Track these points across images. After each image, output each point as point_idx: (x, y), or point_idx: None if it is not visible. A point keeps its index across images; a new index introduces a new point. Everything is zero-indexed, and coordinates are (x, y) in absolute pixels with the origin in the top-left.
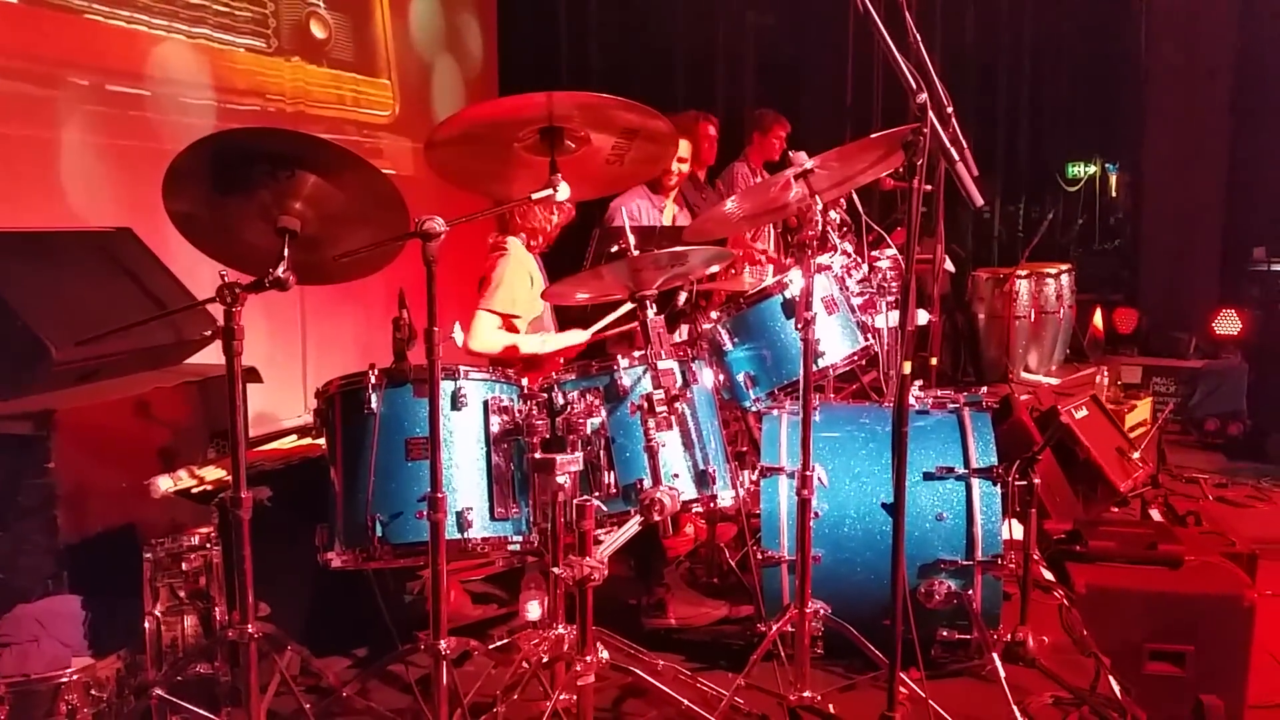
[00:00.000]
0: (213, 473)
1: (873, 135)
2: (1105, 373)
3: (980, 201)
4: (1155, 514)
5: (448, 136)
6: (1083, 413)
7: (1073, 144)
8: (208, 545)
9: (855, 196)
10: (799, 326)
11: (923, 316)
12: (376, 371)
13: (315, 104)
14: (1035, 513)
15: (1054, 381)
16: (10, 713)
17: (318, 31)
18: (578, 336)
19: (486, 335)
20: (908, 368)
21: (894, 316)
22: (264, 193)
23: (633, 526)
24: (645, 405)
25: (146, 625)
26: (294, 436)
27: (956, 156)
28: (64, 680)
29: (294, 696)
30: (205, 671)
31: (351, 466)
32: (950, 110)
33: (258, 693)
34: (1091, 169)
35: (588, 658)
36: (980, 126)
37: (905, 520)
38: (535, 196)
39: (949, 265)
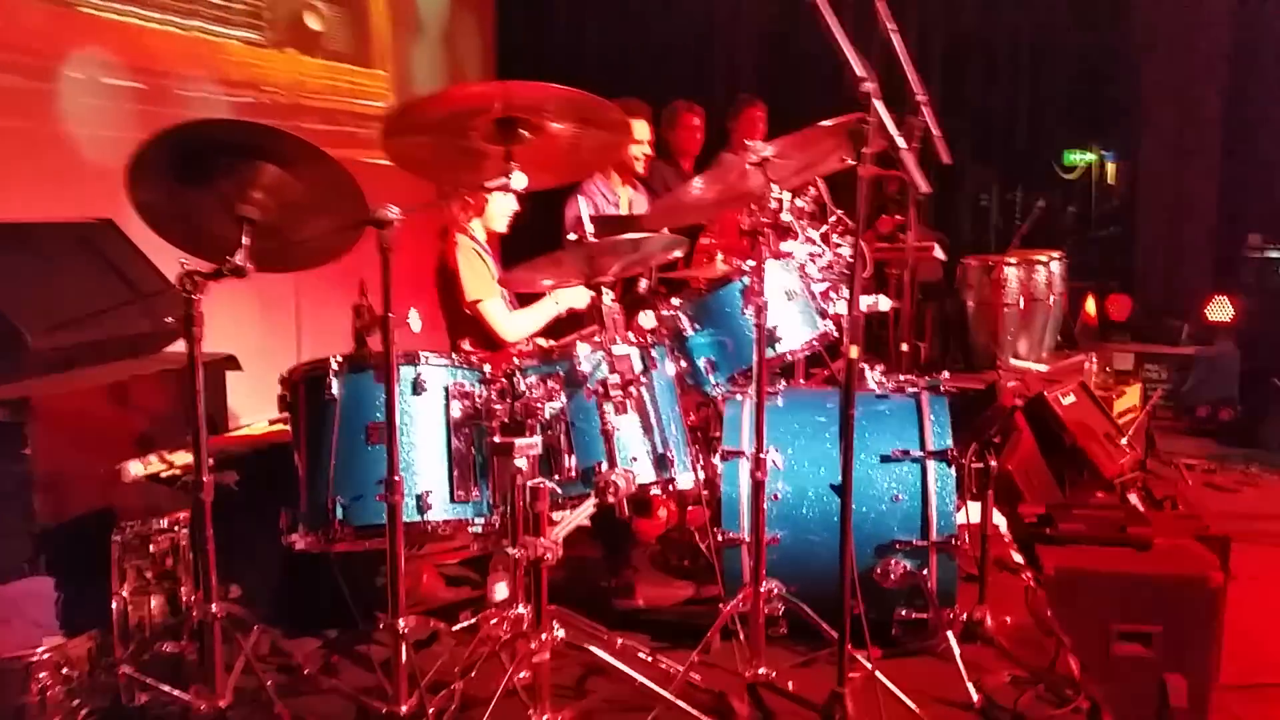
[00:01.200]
0: (183, 457)
1: (821, 124)
2: (1094, 359)
3: (925, 188)
4: (1134, 499)
5: (402, 126)
6: (1070, 399)
7: (1070, 132)
8: (175, 528)
9: (822, 183)
10: (746, 312)
11: (884, 303)
12: (339, 358)
13: (310, 95)
14: (992, 494)
15: (1043, 368)
16: None
17: (313, 23)
18: (585, 292)
19: (510, 322)
20: (854, 352)
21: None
22: (224, 182)
23: (588, 508)
24: (601, 390)
25: (114, 605)
26: (265, 422)
27: (903, 144)
28: (34, 659)
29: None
30: (172, 650)
31: (314, 451)
32: (923, 99)
33: (223, 670)
34: (1089, 157)
35: (543, 635)
36: (978, 114)
37: (863, 502)
38: (489, 185)
39: (939, 253)
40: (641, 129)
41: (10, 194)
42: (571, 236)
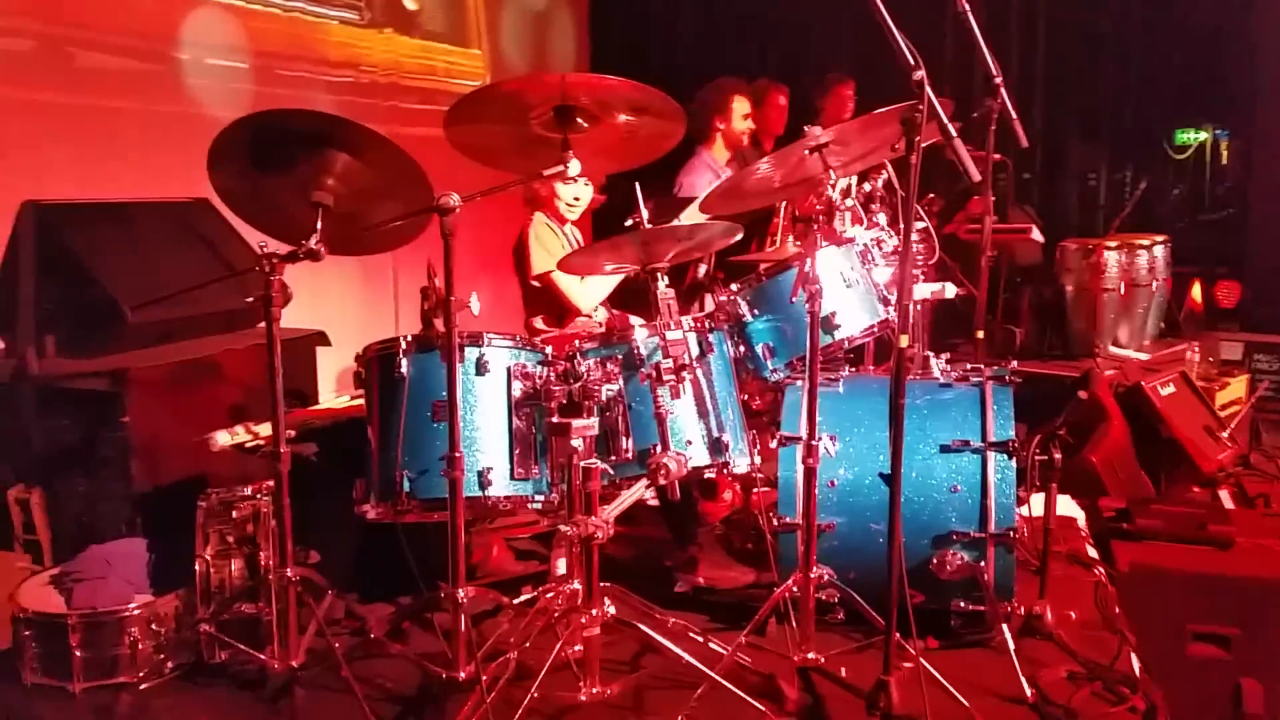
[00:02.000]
0: (268, 429)
1: (876, 111)
2: (1198, 349)
3: (977, 177)
4: (1225, 495)
5: (463, 115)
6: (1169, 389)
7: (1183, 109)
8: (258, 496)
9: (890, 167)
10: (793, 299)
11: (950, 290)
12: (408, 338)
13: (407, 75)
14: (1055, 487)
15: (1143, 357)
16: (81, 640)
17: (409, 3)
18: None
19: (578, 288)
20: (904, 341)
21: (922, 289)
22: (299, 169)
23: (639, 489)
24: (654, 374)
25: (197, 567)
26: (347, 397)
27: (954, 133)
28: (127, 614)
29: (336, 639)
30: (250, 611)
31: (385, 426)
32: (999, 81)
33: (296, 632)
34: (1202, 135)
35: (594, 611)
36: (1086, 92)
37: (920, 492)
38: (547, 173)
39: (1037, 235)
40: (743, 105)
41: (121, 172)
42: (628, 222)
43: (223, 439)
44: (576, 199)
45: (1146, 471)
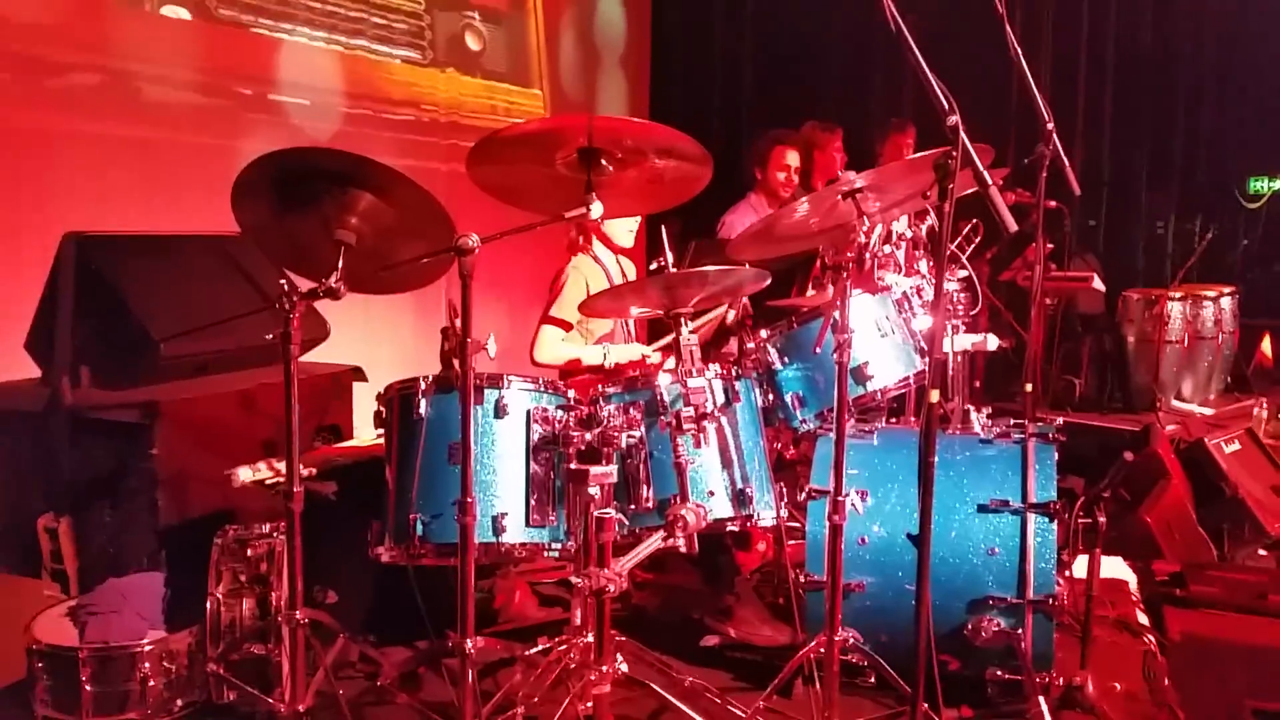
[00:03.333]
0: None
1: (911, 157)
2: (1266, 405)
3: (1014, 227)
4: None
5: (488, 155)
6: (1234, 446)
7: (1256, 157)
8: (275, 534)
9: (934, 213)
10: (816, 349)
11: (992, 342)
12: (427, 378)
13: (468, 114)
14: (1099, 551)
15: (1207, 412)
16: (91, 675)
17: (472, 43)
18: (639, 351)
19: (548, 347)
20: (934, 396)
21: (962, 340)
22: (324, 207)
23: (655, 542)
24: (674, 422)
25: (208, 605)
26: (374, 434)
27: (990, 180)
28: (138, 650)
29: (345, 681)
30: (259, 652)
31: (403, 467)
32: (1050, 126)
33: (305, 675)
34: (1276, 184)
35: (604, 667)
36: (1155, 138)
37: (955, 553)
38: (569, 214)
39: (1098, 283)
40: (792, 157)
41: (180, 204)
42: (652, 265)
43: (245, 475)
44: (631, 230)
45: (1208, 533)
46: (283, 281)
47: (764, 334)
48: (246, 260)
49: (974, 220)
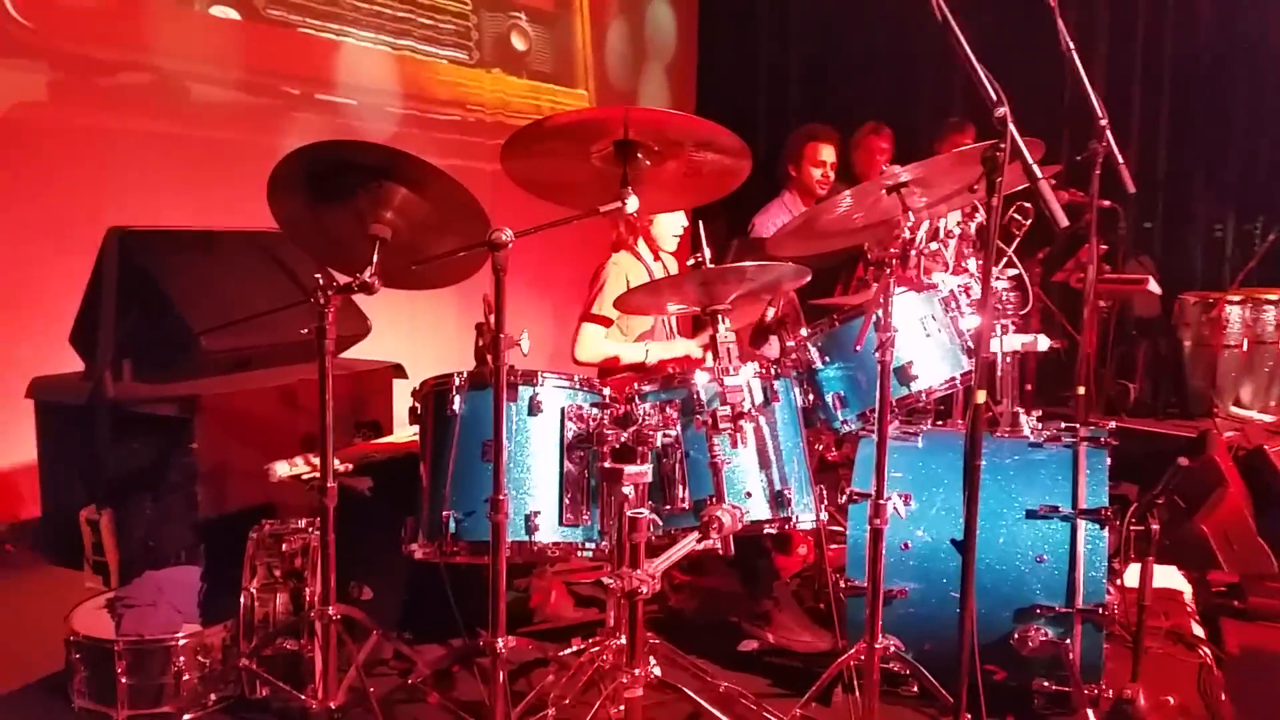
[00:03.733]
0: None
1: (957, 149)
2: None
3: (1064, 221)
4: None
5: (522, 148)
6: None
7: None
8: (310, 529)
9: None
10: (856, 347)
11: (1043, 343)
12: (462, 374)
13: (513, 114)
14: (1152, 560)
15: (1268, 419)
16: (127, 667)
17: (518, 44)
18: (684, 347)
19: (589, 345)
20: (981, 397)
21: (1012, 340)
22: (359, 201)
23: (689, 543)
24: (710, 421)
25: (242, 600)
26: (412, 431)
27: (1039, 174)
28: (173, 644)
29: (378, 679)
30: (292, 648)
31: (437, 464)
32: (1104, 123)
33: (335, 672)
34: None
35: (636, 670)
36: (1214, 137)
37: (1002, 560)
38: (604, 209)
39: (1154, 286)
40: (827, 152)
41: (225, 201)
42: (690, 261)
43: (281, 470)
44: (676, 235)
45: (1268, 544)
46: (317, 276)
47: (805, 332)
48: (288, 256)
49: (1018, 202)
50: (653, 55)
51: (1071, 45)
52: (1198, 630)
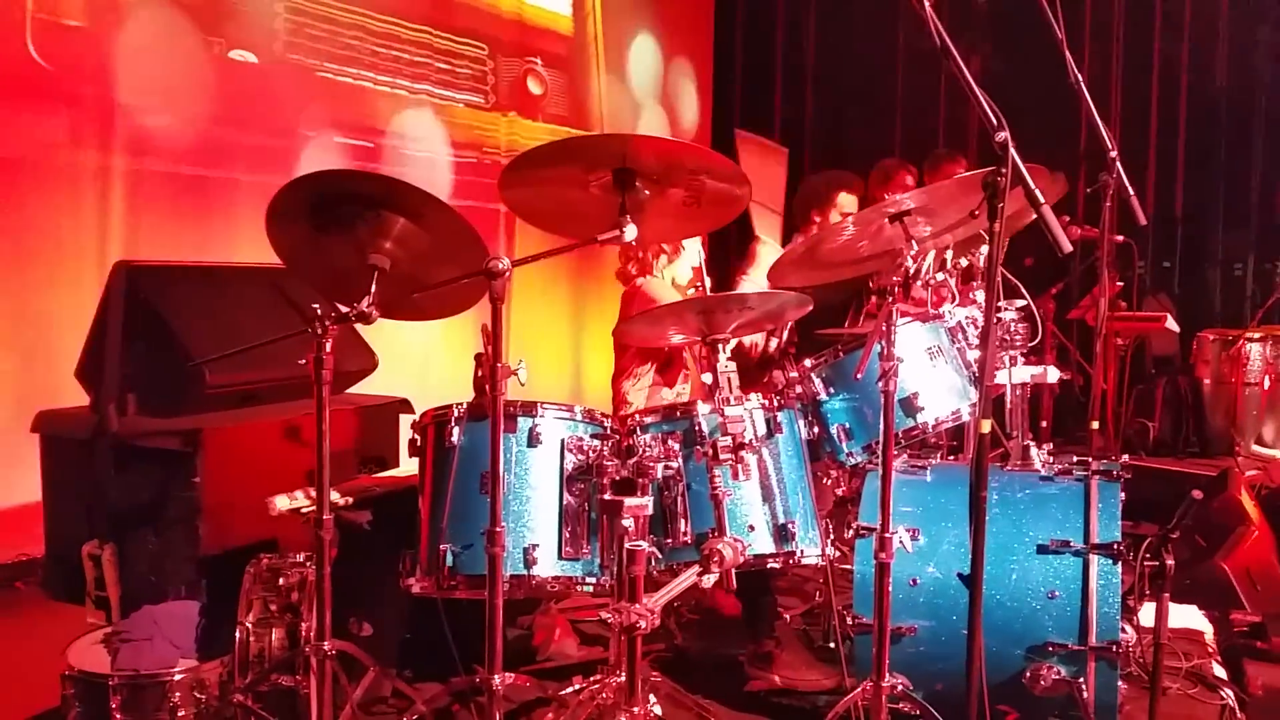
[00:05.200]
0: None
1: (959, 176)
2: None
3: (1068, 248)
4: None
5: (520, 177)
6: None
7: None
8: (308, 563)
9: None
10: (857, 375)
11: (1053, 374)
12: (461, 405)
13: None
14: (1167, 596)
15: None
16: (122, 703)
17: (534, 88)
18: None
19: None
20: (986, 427)
21: (1021, 372)
22: (358, 230)
23: (690, 577)
24: (710, 453)
25: (237, 635)
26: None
27: (1042, 199)
28: (169, 679)
29: (376, 717)
30: (288, 684)
31: (435, 496)
32: (1114, 155)
33: (330, 708)
34: None
35: (635, 709)
36: (1234, 176)
37: (1013, 596)
38: (602, 238)
39: (1172, 324)
40: (852, 203)
41: (238, 240)
42: (691, 291)
43: (281, 503)
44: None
45: None
46: (315, 306)
47: (808, 363)
48: (295, 291)
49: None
50: (666, 96)
51: (1080, 78)
52: (1219, 671)
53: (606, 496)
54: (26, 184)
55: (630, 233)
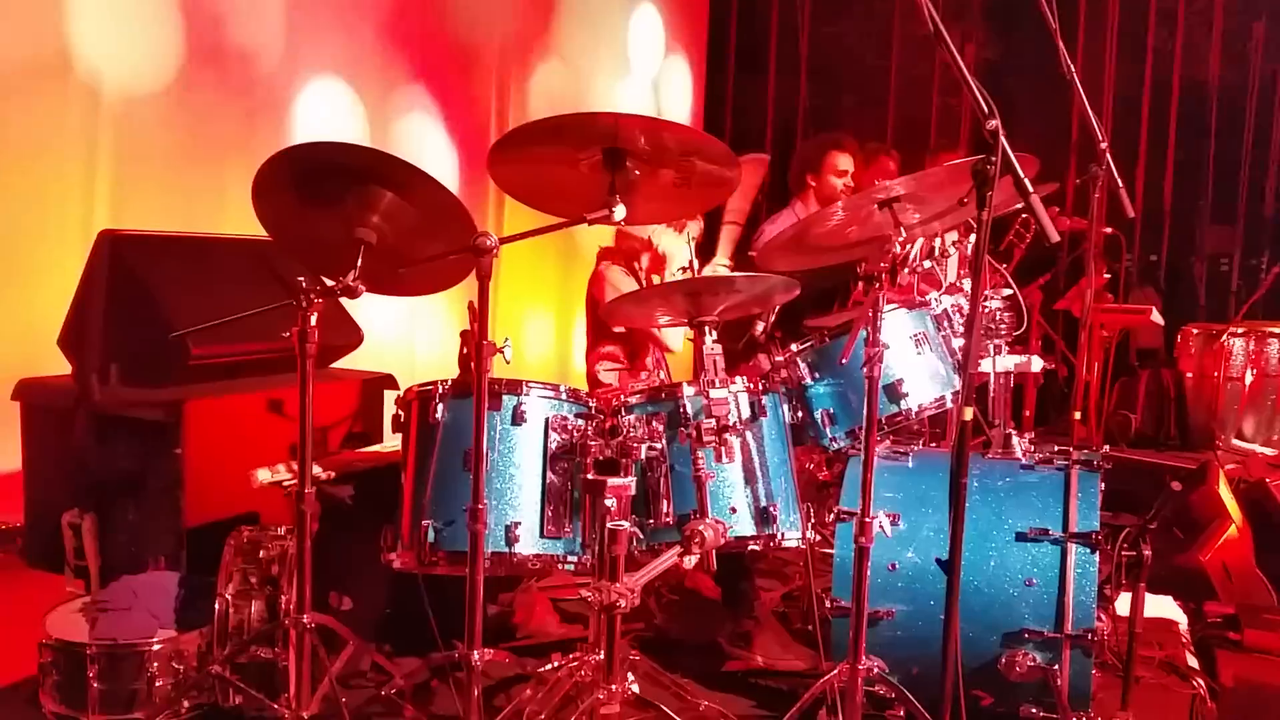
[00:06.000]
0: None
1: (949, 163)
2: None
3: (1056, 237)
4: None
5: (511, 155)
6: None
7: None
8: (289, 536)
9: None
10: (842, 360)
11: (1036, 363)
12: (446, 382)
13: None
14: (1143, 586)
15: (1269, 452)
16: (99, 672)
17: None
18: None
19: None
20: (968, 414)
21: (1005, 360)
22: (345, 204)
23: (670, 558)
24: (694, 434)
25: (217, 606)
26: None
27: (1031, 188)
28: (146, 649)
29: (355, 690)
30: (266, 656)
31: (418, 472)
32: (1104, 146)
33: (309, 681)
34: None
35: (614, 687)
36: (1221, 171)
37: (990, 583)
38: (591, 217)
39: (1156, 316)
40: (847, 161)
41: (224, 208)
42: (678, 273)
43: (263, 476)
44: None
45: (1269, 578)
46: (300, 279)
47: (795, 348)
48: (281, 264)
49: (1024, 215)
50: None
51: (1073, 68)
52: (1192, 661)
53: (590, 476)
54: (5, 149)
55: (619, 212)
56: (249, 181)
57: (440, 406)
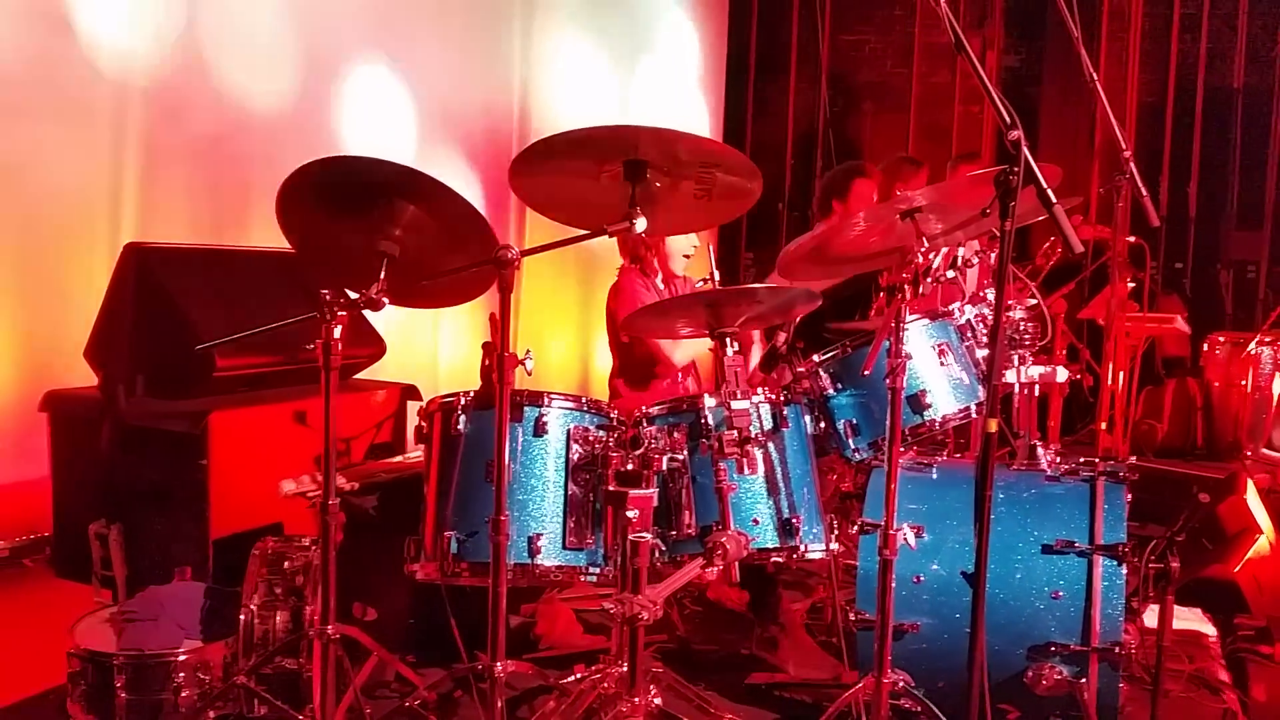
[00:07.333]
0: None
1: (971, 174)
2: None
3: (1080, 249)
4: None
5: (532, 166)
6: None
7: None
8: (314, 547)
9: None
10: (864, 372)
11: (1061, 374)
12: (469, 394)
13: None
14: (1171, 599)
15: None
16: (126, 682)
17: None
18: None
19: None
20: (993, 426)
21: (1029, 371)
22: (368, 217)
23: (693, 569)
24: (716, 446)
25: (242, 617)
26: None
27: (1054, 198)
28: (173, 659)
29: (379, 701)
30: (291, 667)
31: (440, 483)
32: (1128, 154)
33: (333, 692)
34: None
35: (635, 699)
36: (1246, 177)
37: (1016, 595)
38: (611, 228)
39: (1182, 325)
40: (866, 188)
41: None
42: (701, 282)
43: (288, 487)
44: (686, 255)
45: None
46: (324, 292)
47: (816, 358)
48: (307, 277)
49: (1052, 238)
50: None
51: (1095, 75)
52: (1223, 675)
53: (611, 487)
54: (33, 161)
55: (640, 224)
56: (273, 194)
57: (463, 418)
